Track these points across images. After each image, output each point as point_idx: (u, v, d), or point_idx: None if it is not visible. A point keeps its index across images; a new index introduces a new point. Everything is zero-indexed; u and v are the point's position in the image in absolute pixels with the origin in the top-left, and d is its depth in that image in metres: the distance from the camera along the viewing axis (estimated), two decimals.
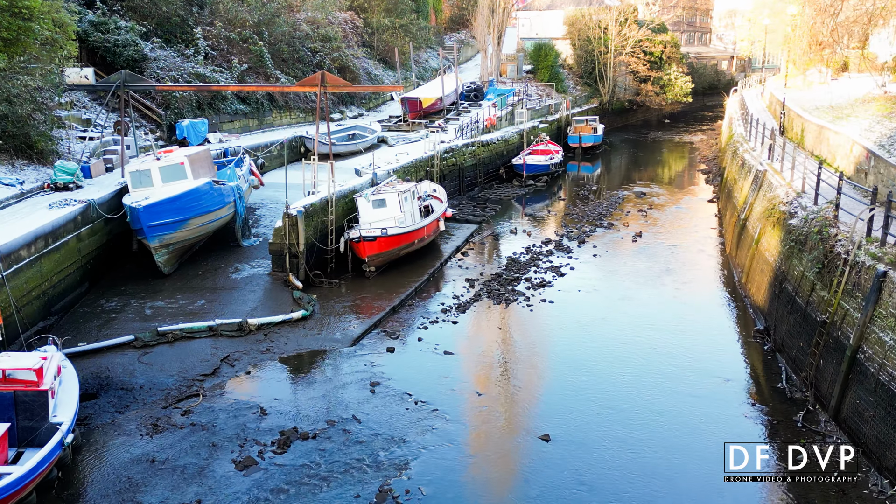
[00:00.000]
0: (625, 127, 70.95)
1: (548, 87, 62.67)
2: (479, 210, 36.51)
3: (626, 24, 67.35)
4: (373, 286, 24.70)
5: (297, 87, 28.71)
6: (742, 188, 29.79)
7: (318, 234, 25.17)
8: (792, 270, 19.42)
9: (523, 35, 73.63)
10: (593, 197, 40.84)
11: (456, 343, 20.50)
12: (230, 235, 26.81)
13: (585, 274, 26.61)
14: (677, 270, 26.98)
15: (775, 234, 21.86)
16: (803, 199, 21.05)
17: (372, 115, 48.75)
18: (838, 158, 25.11)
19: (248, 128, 38.56)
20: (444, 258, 28.07)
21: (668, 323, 21.75)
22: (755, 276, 23.20)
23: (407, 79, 52.75)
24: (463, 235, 31.36)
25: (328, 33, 45.57)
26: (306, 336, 20.41)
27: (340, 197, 27.02)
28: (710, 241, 31.18)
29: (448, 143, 40.04)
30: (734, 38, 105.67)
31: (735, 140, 35.80)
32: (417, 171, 35.06)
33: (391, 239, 25.53)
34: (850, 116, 28.49)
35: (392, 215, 26.33)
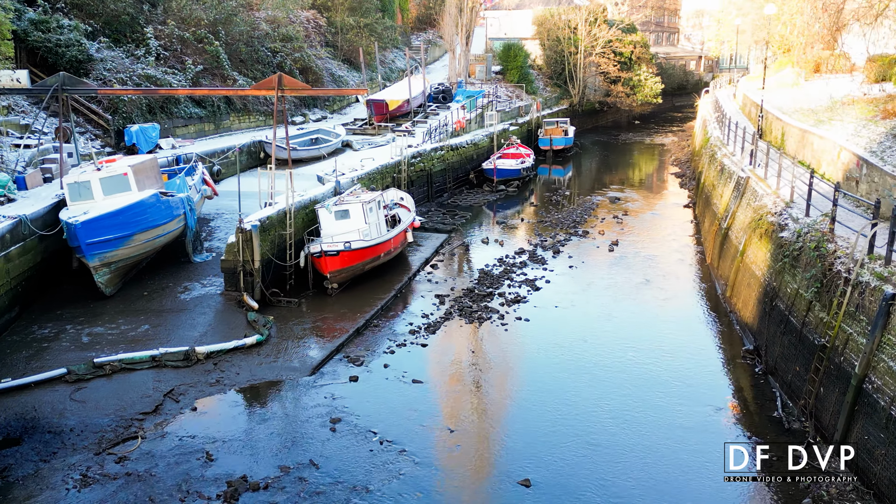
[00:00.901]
0: (595, 128, 70.00)
1: (517, 88, 61.35)
2: (449, 218, 34.94)
3: (596, 24, 66.36)
4: (335, 305, 22.96)
5: (252, 91, 26.80)
6: (722, 195, 28.60)
7: (275, 248, 23.35)
8: (784, 287, 18.14)
9: (492, 35, 72.25)
10: (566, 202, 39.50)
11: (425, 369, 18.87)
12: (181, 251, 24.84)
13: (562, 288, 25.15)
14: (657, 283, 25.66)
15: (763, 246, 20.60)
16: (793, 210, 19.80)
17: (336, 117, 46.91)
18: (824, 164, 23.99)
19: (204, 132, 36.50)
20: (412, 272, 26.41)
21: (651, 343, 20.35)
22: (741, 291, 21.94)
23: (373, 80, 50.98)
24: (432, 246, 29.74)
25: (289, 33, 43.63)
26: (261, 364, 18.60)
27: (300, 208, 25.22)
28: (688, 250, 29.96)
29: (416, 147, 38.40)
30: (702, 38, 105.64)
31: (712, 144, 34.70)
32: (383, 177, 33.36)
33: (355, 253, 23.81)
34: (833, 120, 27.44)
35: (356, 227, 24.61)
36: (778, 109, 33.14)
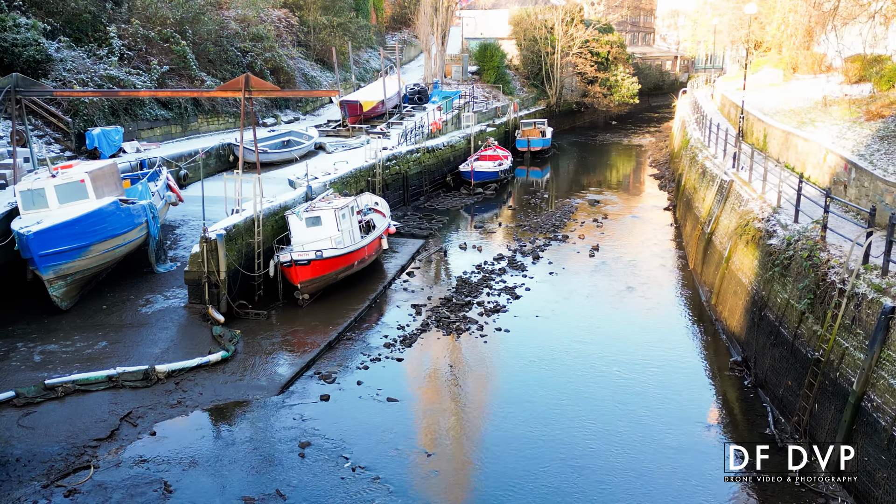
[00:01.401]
0: (572, 129, 69.45)
1: (494, 88, 60.58)
2: (426, 222, 34.00)
3: (573, 23, 65.80)
4: (306, 317, 21.92)
5: (218, 92, 25.65)
6: (704, 199, 27.98)
7: (243, 258, 22.25)
8: (774, 297, 17.44)
9: (468, 35, 71.41)
10: (545, 205, 38.74)
11: (401, 386, 17.91)
12: (143, 260, 23.63)
13: (542, 296, 24.33)
14: (639, 290, 24.92)
15: (750, 253, 19.93)
16: (781, 216, 19.13)
17: (309, 119, 45.76)
18: (809, 167, 23.40)
19: (171, 135, 35.21)
20: (387, 280, 25.44)
21: (635, 355, 19.57)
22: (727, 299, 21.26)
23: (347, 80, 49.90)
24: (408, 252, 28.78)
25: (260, 32, 42.42)
26: (226, 383, 17.52)
27: (270, 214, 24.14)
28: (670, 255, 29.30)
29: (391, 149, 37.42)
30: (677, 38, 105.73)
31: (693, 146, 34.12)
32: (357, 181, 32.34)
33: (327, 262, 22.79)
34: (816, 121, 26.93)
35: (328, 235, 23.58)
36: (759, 110, 32.63)
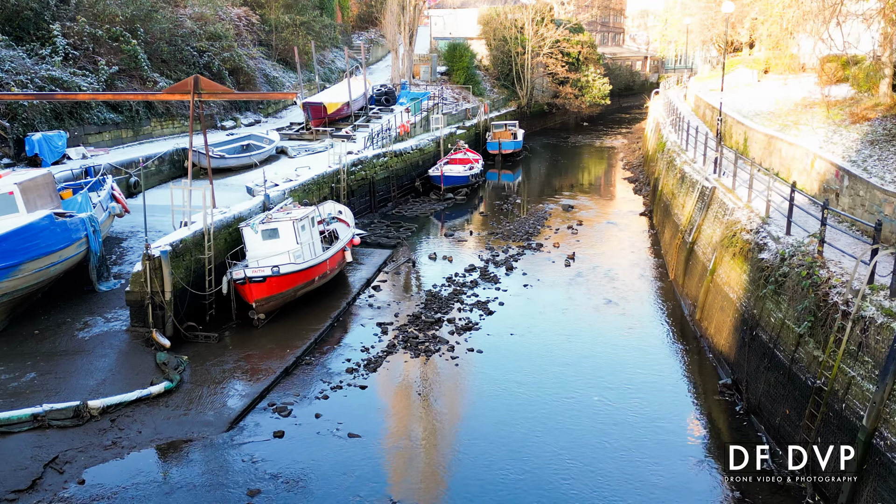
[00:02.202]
0: (544, 130, 68.29)
1: (464, 89, 59.13)
2: (394, 230, 32.36)
3: (543, 23, 64.61)
4: (262, 338, 20.20)
5: (165, 95, 23.81)
6: (684, 205, 26.76)
7: (192, 275, 20.43)
8: (767, 316, 16.15)
9: (436, 34, 69.87)
10: (517, 211, 37.36)
11: (364, 419, 16.27)
12: (84, 278, 21.67)
13: (517, 311, 22.88)
14: (618, 303, 23.58)
15: (737, 266, 18.66)
16: (771, 227, 17.88)
17: (271, 121, 43.85)
18: (794, 173, 22.25)
19: (121, 139, 33.12)
20: (351, 295, 23.77)
21: (616, 378, 18.18)
22: (713, 314, 19.98)
23: (310, 81, 48.02)
24: (374, 264, 27.14)
25: (217, 31, 40.40)
26: (169, 419, 15.75)
27: (223, 227, 22.36)
28: (648, 264, 28.04)
29: (357, 153, 35.73)
30: (647, 38, 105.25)
31: (670, 149, 32.96)
32: (320, 188, 30.61)
33: (285, 278, 21.08)
34: (799, 124, 25.86)
35: (286, 248, 21.87)
36: (737, 112, 31.60)
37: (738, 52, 64.47)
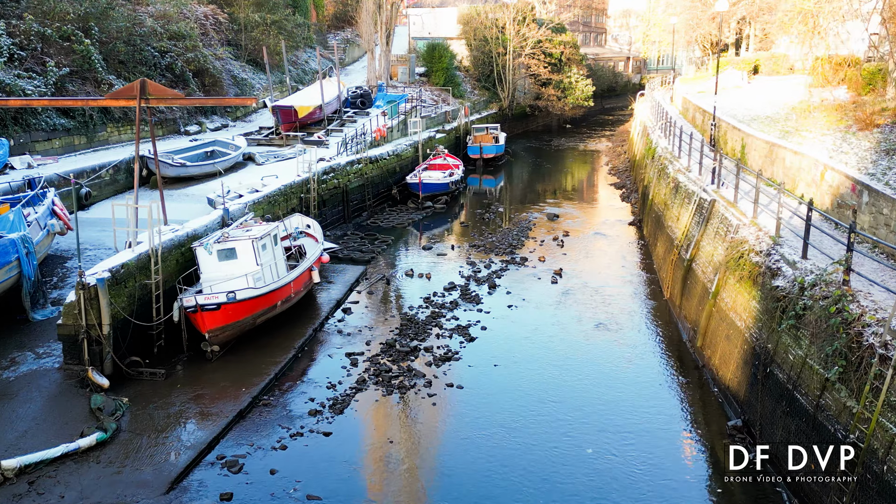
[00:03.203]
0: (526, 133, 66.43)
1: (444, 91, 57.09)
2: (368, 243, 30.23)
3: (525, 23, 62.75)
4: (216, 373, 18.01)
5: (108, 101, 21.50)
6: (679, 217, 24.90)
7: (136, 303, 18.20)
8: (784, 352, 14.25)
9: (415, 34, 67.75)
10: (500, 220, 35.40)
11: (326, 475, 14.17)
12: (18, 306, 19.35)
13: (501, 336, 20.87)
14: (611, 327, 21.64)
15: (745, 291, 16.77)
16: (784, 249, 16.00)
17: (239, 125, 41.51)
18: (801, 185, 20.44)
19: (74, 147, 30.71)
20: (318, 320, 21.63)
21: (614, 419, 16.22)
22: (717, 343, 18.08)
23: (282, 83, 45.74)
24: (345, 282, 25.00)
25: (181, 30, 38.02)
26: (99, 479, 13.54)
27: (175, 246, 20.16)
28: (641, 281, 26.16)
29: (329, 160, 33.57)
30: (630, 38, 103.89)
31: (661, 156, 31.12)
32: (288, 199, 28.43)
33: (242, 305, 18.90)
34: (802, 130, 24.11)
35: (245, 270, 19.69)
36: (732, 117, 29.83)
37: (724, 53, 63.06)
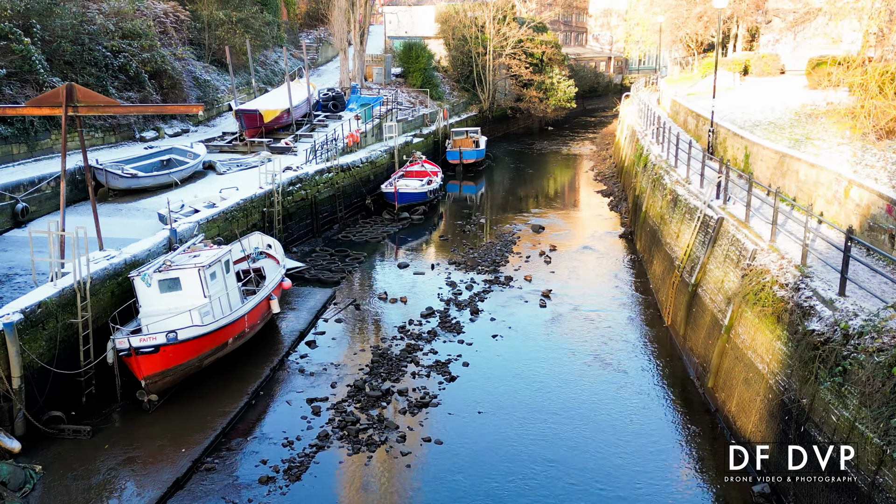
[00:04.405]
0: (507, 136, 64.11)
1: (421, 93, 54.57)
2: (338, 261, 27.67)
3: (505, 22, 60.38)
4: (153, 427, 15.44)
5: (27, 109, 18.68)
6: (679, 234, 22.63)
7: (59, 347, 15.55)
8: (825, 411, 11.93)
9: (391, 33, 65.16)
10: (482, 233, 33.00)
11: None
12: None
13: (485, 373, 18.47)
14: (609, 360, 19.29)
15: (768, 329, 14.48)
16: (815, 283, 13.71)
17: (201, 131, 38.70)
18: (819, 202, 18.18)
19: (11, 156, 27.77)
20: (278, 357, 19.05)
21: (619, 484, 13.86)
22: (733, 386, 15.78)
23: (250, 84, 42.95)
24: (311, 309, 22.44)
25: (136, 28, 35.15)
26: None
27: (110, 276, 17.52)
28: (637, 303, 23.87)
29: (296, 169, 30.95)
30: (611, 38, 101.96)
31: (655, 165, 28.85)
32: (248, 214, 25.81)
33: (186, 346, 16.32)
34: (812, 138, 21.96)
35: (191, 303, 17.13)
36: (731, 122, 27.63)
37: (709, 53, 61.18)
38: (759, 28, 54.26)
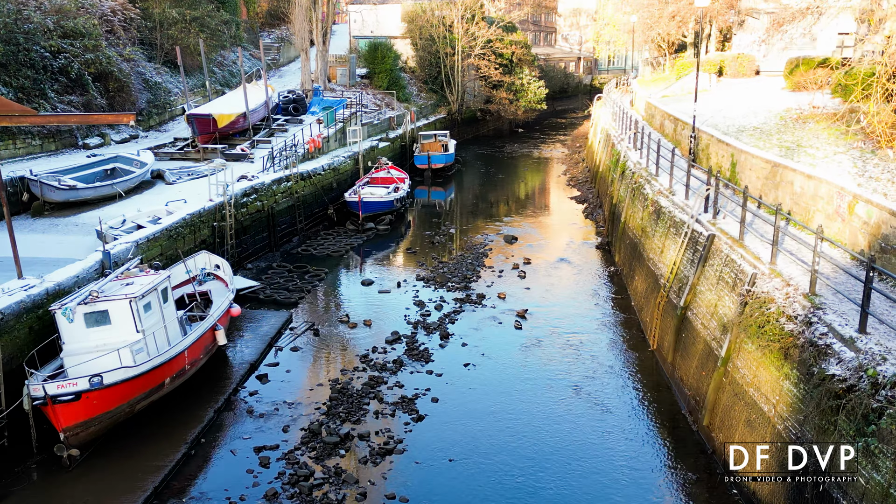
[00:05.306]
0: (476, 138, 62.45)
1: (387, 95, 52.57)
2: (297, 278, 25.61)
3: (474, 21, 58.66)
4: (74, 487, 13.34)
5: None
6: (663, 250, 21.03)
7: None
8: (851, 471, 10.31)
9: (356, 33, 63.03)
10: (451, 244, 31.16)
11: None
12: None
13: (457, 411, 16.63)
14: (592, 391, 17.57)
15: (774, 366, 12.86)
16: (829, 316, 12.11)
17: (153, 136, 36.31)
18: (819, 217, 16.63)
19: None
20: (223, 396, 16.99)
21: None
22: (733, 427, 14.13)
23: (205, 87, 40.57)
24: (264, 336, 20.39)
25: (79, 27, 32.67)
26: None
27: (28, 308, 15.35)
28: (618, 323, 22.22)
29: (252, 178, 28.84)
30: (580, 38, 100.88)
31: (634, 172, 27.26)
32: (196, 230, 23.66)
33: (113, 391, 14.24)
34: (804, 146, 20.48)
35: (121, 339, 15.06)
36: (713, 127, 26.16)
37: (681, 53, 60.09)
38: (731, 28, 53.31)
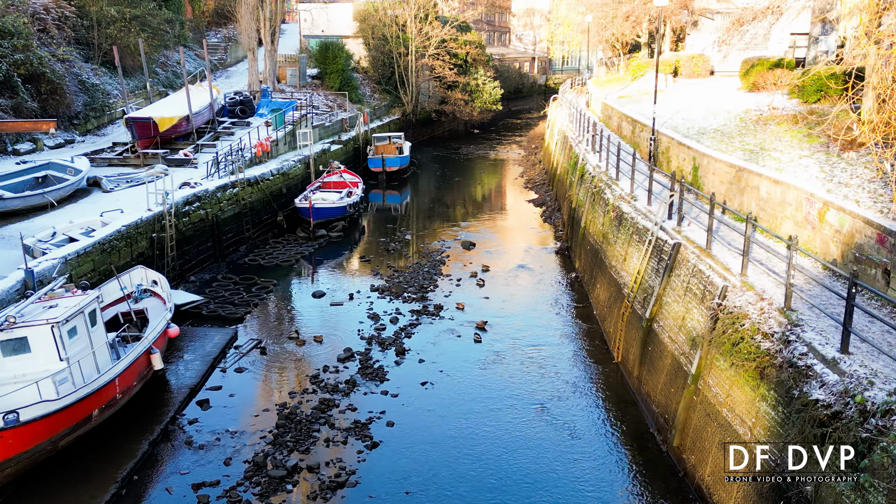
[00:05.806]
0: (431, 140, 61.47)
1: (339, 96, 51.19)
2: (243, 291, 24.24)
3: (427, 20, 57.63)
4: None
5: None
6: (626, 258, 20.30)
7: None
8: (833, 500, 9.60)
9: (306, 32, 61.45)
10: (407, 251, 30.09)
11: None
12: None
13: (414, 435, 15.58)
14: (556, 411, 16.69)
15: (749, 386, 12.12)
16: (807, 333, 11.39)
17: (90, 141, 34.40)
18: (787, 224, 16.04)
19: None
20: (159, 426, 15.63)
21: None
22: (706, 449, 13.38)
23: (147, 88, 38.70)
24: (206, 355, 19.03)
25: (7, 25, 30.68)
26: None
27: None
28: (580, 333, 21.44)
29: (194, 185, 27.33)
30: (534, 38, 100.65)
31: (593, 176, 26.53)
32: (133, 243, 22.14)
33: (32, 428, 12.82)
34: (768, 149, 19.95)
35: (43, 369, 13.64)
36: (673, 129, 25.60)
37: (635, 53, 59.99)
38: (684, 28, 53.36)
